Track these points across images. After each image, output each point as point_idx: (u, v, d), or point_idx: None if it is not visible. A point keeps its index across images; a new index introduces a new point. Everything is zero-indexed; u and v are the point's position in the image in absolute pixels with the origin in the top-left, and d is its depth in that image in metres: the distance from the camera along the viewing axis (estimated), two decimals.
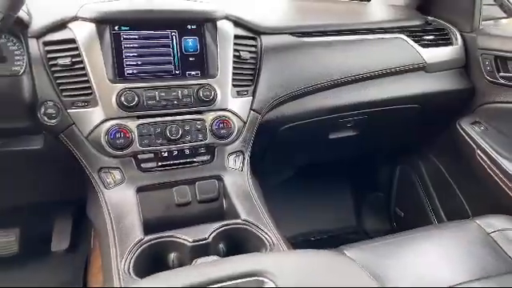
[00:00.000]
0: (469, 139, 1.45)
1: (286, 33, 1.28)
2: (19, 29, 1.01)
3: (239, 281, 0.59)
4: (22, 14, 0.97)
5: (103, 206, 0.97)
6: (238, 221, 0.92)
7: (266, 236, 0.89)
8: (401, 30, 1.45)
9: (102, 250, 0.89)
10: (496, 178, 1.36)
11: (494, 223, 1.07)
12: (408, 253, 0.98)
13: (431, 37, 1.48)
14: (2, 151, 1.07)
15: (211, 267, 0.66)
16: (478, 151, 1.42)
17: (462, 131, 1.49)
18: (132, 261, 0.79)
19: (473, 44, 1.47)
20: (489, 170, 1.39)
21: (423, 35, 1.47)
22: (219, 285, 0.58)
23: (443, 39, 1.49)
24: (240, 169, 1.13)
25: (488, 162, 1.39)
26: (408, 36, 1.44)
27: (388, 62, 1.38)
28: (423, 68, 1.43)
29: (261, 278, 0.59)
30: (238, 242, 0.90)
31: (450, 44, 1.49)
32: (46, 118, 1.01)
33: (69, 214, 1.67)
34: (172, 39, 1.10)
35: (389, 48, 1.41)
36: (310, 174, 1.83)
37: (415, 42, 1.44)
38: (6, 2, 0.83)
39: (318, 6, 1.72)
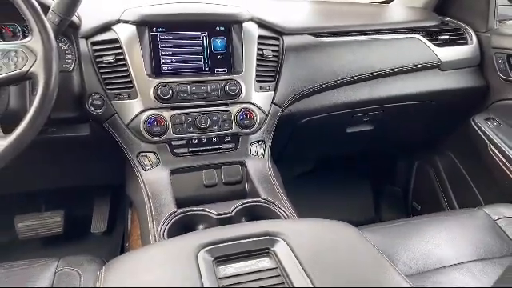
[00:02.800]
0: (482, 134, 1.51)
1: (306, 33, 1.38)
2: (71, 30, 1.16)
3: (253, 239, 0.69)
4: (74, 17, 1.12)
5: (141, 184, 1.11)
6: (259, 199, 1.03)
7: (283, 213, 1.00)
8: (417, 30, 1.53)
9: (140, 220, 1.03)
10: (507, 171, 1.42)
11: (500, 211, 1.13)
12: (416, 235, 1.05)
13: (446, 36, 1.55)
14: (54, 137, 1.21)
15: (229, 229, 0.77)
16: (491, 145, 1.48)
17: (475, 127, 1.55)
18: (166, 228, 0.92)
19: (487, 43, 1.53)
20: (501, 164, 1.44)
21: (439, 35, 1.54)
22: (235, 242, 0.69)
23: (458, 39, 1.56)
24: (261, 156, 1.24)
25: (500, 156, 1.45)
26: (424, 36, 1.52)
27: (403, 60, 1.47)
28: (438, 66, 1.51)
29: (273, 238, 0.70)
30: (257, 218, 1.01)
31: (465, 43, 1.56)
32: (92, 108, 1.16)
33: (107, 198, 1.83)
34: (202, 39, 1.22)
35: (404, 47, 1.49)
36: (330, 167, 1.92)
37: (431, 41, 1.52)
38: (63, 8, 0.98)
39: (338, 8, 1.81)
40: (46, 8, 0.96)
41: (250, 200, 1.02)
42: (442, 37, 1.54)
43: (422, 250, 1.00)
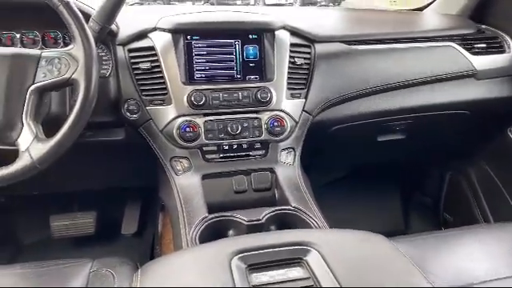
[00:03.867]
0: None
1: (338, 41, 1.38)
2: (109, 38, 1.20)
3: (286, 248, 0.70)
4: (112, 25, 1.16)
5: (174, 188, 1.13)
6: (289, 207, 1.03)
7: (313, 221, 1.00)
8: (452, 38, 1.49)
9: (172, 224, 1.05)
10: None
11: None
12: (449, 247, 1.02)
13: (483, 45, 1.51)
14: (91, 141, 1.26)
15: (262, 236, 0.78)
16: None
17: None
18: (198, 233, 0.94)
19: None
20: None
21: (475, 43, 1.50)
22: (268, 250, 0.69)
23: (495, 47, 1.52)
24: (291, 163, 1.24)
25: None
26: (459, 44, 1.48)
27: (437, 68, 1.44)
28: (473, 75, 1.47)
29: (306, 247, 0.70)
30: (287, 225, 1.01)
31: (503, 52, 1.51)
32: (128, 114, 1.19)
33: (138, 201, 1.87)
34: (235, 47, 1.24)
35: (438, 55, 1.46)
36: (360, 175, 1.90)
37: (466, 49, 1.48)
38: (103, 17, 1.02)
39: (369, 15, 1.80)
40: (87, 16, 0.99)
41: (279, 208, 1.02)
42: (479, 45, 1.50)
43: (456, 263, 0.97)
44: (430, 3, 1.80)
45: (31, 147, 0.88)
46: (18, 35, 1.21)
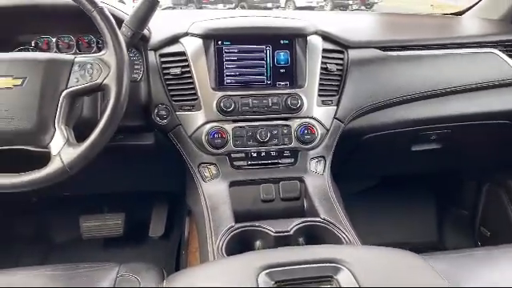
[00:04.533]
0: None
1: (372, 47, 1.34)
2: (141, 43, 1.21)
3: (316, 265, 0.67)
4: (144, 30, 1.17)
5: (201, 195, 1.12)
6: (318, 219, 1.00)
7: (343, 235, 0.96)
8: (495, 44, 1.42)
9: (198, 232, 1.03)
10: None
11: None
12: (488, 266, 0.96)
13: None
14: (121, 145, 1.27)
15: (291, 251, 0.75)
16: None
17: None
18: (224, 243, 0.92)
19: None
20: None
21: None
22: (297, 266, 0.67)
23: None
24: (321, 173, 1.21)
25: None
26: (502, 51, 1.41)
27: (478, 76, 1.37)
28: None
29: (337, 265, 0.67)
30: (316, 238, 0.98)
31: None
32: (158, 119, 1.19)
33: (165, 204, 1.88)
34: (266, 53, 1.22)
35: (479, 62, 1.39)
36: (392, 185, 1.84)
37: (510, 56, 1.41)
38: (136, 22, 1.02)
39: (405, 20, 1.74)
40: (119, 21, 1.00)
41: (308, 219, 0.99)
42: None
43: (496, 284, 0.92)
44: (470, 7, 1.72)
45: (62, 152, 0.89)
46: (53, 39, 1.24)
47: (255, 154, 1.19)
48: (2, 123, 0.88)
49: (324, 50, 1.25)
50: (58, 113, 0.90)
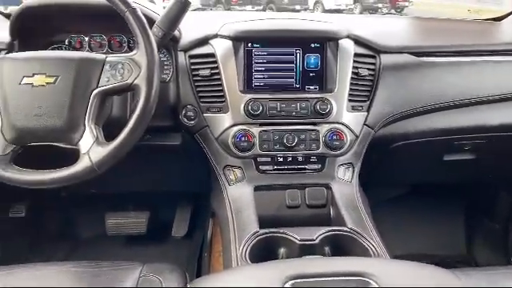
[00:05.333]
0: None
1: (406, 52, 1.30)
2: (172, 43, 1.21)
3: (344, 278, 0.64)
4: (175, 31, 1.17)
5: (225, 199, 1.11)
6: (345, 228, 0.97)
7: (371, 246, 0.93)
8: None
9: (222, 236, 1.02)
10: None
11: None
12: None
13: None
14: (148, 144, 1.27)
15: (318, 262, 0.73)
16: None
17: None
18: (248, 248, 0.90)
19: None
20: None
21: None
22: (324, 278, 0.64)
23: None
24: (349, 180, 1.18)
25: None
26: None
27: None
28: None
29: (366, 279, 0.64)
30: (342, 248, 0.95)
31: None
32: (185, 120, 1.19)
33: (189, 204, 1.88)
34: (296, 56, 1.20)
35: None
36: (421, 194, 1.78)
37: None
38: (167, 23, 1.02)
39: (440, 25, 1.68)
40: (151, 22, 1.00)
41: (335, 228, 0.96)
42: None
43: None
44: (510, 13, 1.65)
45: (91, 150, 0.90)
46: (86, 38, 1.26)
47: (281, 159, 1.17)
48: (34, 120, 0.90)
49: (356, 55, 1.22)
50: (88, 111, 0.91)
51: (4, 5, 1.82)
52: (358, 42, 1.25)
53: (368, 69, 1.23)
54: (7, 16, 1.42)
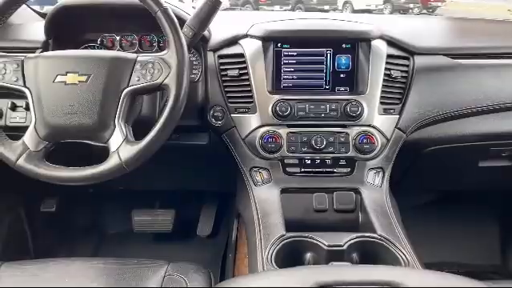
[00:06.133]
0: None
1: (441, 54, 1.25)
2: (201, 43, 1.21)
3: (372, 287, 0.62)
4: (205, 31, 1.16)
5: (251, 200, 1.10)
6: (374, 235, 0.94)
7: (402, 255, 0.90)
8: None
9: (248, 238, 1.01)
10: None
11: None
12: None
13: None
14: (176, 144, 1.28)
15: (346, 269, 0.71)
16: None
17: None
18: (274, 252, 0.89)
19: None
20: None
21: None
22: (353, 287, 0.62)
23: None
24: (379, 185, 1.14)
25: None
26: None
27: None
28: None
29: None
30: (371, 255, 0.92)
31: None
32: (213, 120, 1.19)
33: (214, 204, 1.89)
34: (326, 56, 1.18)
35: None
36: (453, 200, 1.72)
37: None
38: (197, 23, 1.02)
39: (478, 25, 1.62)
40: (182, 22, 1.00)
41: (364, 235, 0.94)
42: None
43: None
44: None
45: (121, 149, 0.91)
46: (118, 37, 1.28)
47: (309, 161, 1.15)
48: (67, 118, 0.92)
49: (388, 56, 1.19)
50: (118, 110, 0.92)
51: (40, 4, 1.87)
52: (391, 42, 1.22)
53: (401, 70, 1.20)
54: (43, 15, 1.46)
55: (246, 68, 1.17)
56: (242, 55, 1.18)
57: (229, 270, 1.32)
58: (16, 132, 1.05)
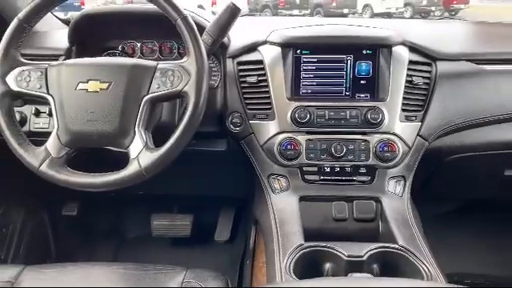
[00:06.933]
0: None
1: (464, 59, 1.23)
2: (220, 50, 1.22)
3: None
4: (224, 38, 1.17)
5: (269, 208, 1.09)
6: (396, 246, 0.92)
7: (424, 267, 0.87)
8: None
9: (266, 247, 1.00)
10: None
11: None
12: None
13: None
14: (194, 149, 1.28)
15: (367, 282, 0.69)
16: None
17: None
18: (292, 262, 0.88)
19: None
20: None
21: None
22: None
23: None
24: (400, 194, 1.12)
25: None
26: None
27: None
28: None
29: None
30: (392, 267, 0.90)
31: None
32: (231, 126, 1.19)
33: (232, 210, 1.88)
34: (346, 63, 1.16)
35: None
36: (477, 210, 1.67)
37: None
38: (217, 30, 1.02)
39: (502, 30, 1.57)
40: (201, 29, 1.01)
41: (385, 245, 0.92)
42: None
43: None
44: None
45: (140, 155, 0.91)
46: (138, 44, 1.29)
47: (328, 169, 1.14)
48: (88, 125, 0.93)
49: (410, 62, 1.17)
50: (138, 117, 0.93)
51: (63, 11, 1.92)
52: (413, 48, 1.20)
53: (423, 77, 1.17)
54: (66, 22, 1.49)
55: (264, 75, 1.16)
56: (261, 62, 1.18)
57: (246, 278, 1.31)
58: (39, 137, 1.07)
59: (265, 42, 1.20)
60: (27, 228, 1.62)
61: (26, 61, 0.97)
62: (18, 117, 1.18)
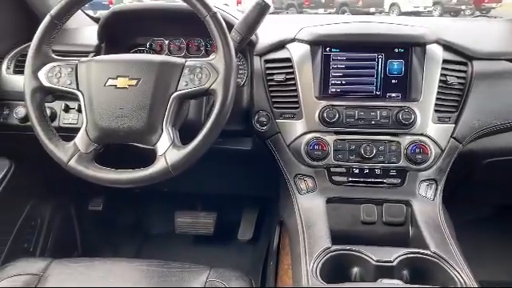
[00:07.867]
0: None
1: (503, 59, 1.17)
2: (248, 48, 1.20)
3: None
4: (252, 36, 1.15)
5: (296, 209, 1.07)
6: (427, 252, 0.88)
7: (457, 274, 0.84)
8: None
9: (292, 249, 0.99)
10: None
11: None
12: None
13: None
14: (219, 148, 1.27)
15: None
16: None
17: None
18: (319, 265, 0.86)
19: None
20: None
21: None
22: None
23: None
24: (431, 198, 1.08)
25: None
26: None
27: None
28: None
29: None
30: (423, 273, 0.87)
31: None
32: (258, 125, 1.17)
33: (256, 209, 1.87)
34: (377, 61, 1.13)
35: None
36: (509, 215, 1.60)
37: None
38: (245, 28, 1.01)
39: None
40: (229, 26, 0.99)
41: (415, 251, 0.88)
42: None
43: None
44: None
45: (167, 153, 0.91)
46: (166, 42, 1.29)
47: (357, 171, 1.11)
48: (117, 121, 0.93)
49: (444, 61, 1.12)
50: (166, 115, 0.92)
51: (93, 9, 1.95)
52: (448, 47, 1.15)
53: (458, 77, 1.13)
54: (96, 20, 1.51)
55: (292, 73, 1.14)
56: (289, 60, 1.15)
57: (269, 279, 1.30)
58: (68, 133, 1.09)
59: (293, 40, 1.18)
60: (55, 222, 1.66)
61: (56, 57, 0.99)
62: (48, 112, 1.20)
